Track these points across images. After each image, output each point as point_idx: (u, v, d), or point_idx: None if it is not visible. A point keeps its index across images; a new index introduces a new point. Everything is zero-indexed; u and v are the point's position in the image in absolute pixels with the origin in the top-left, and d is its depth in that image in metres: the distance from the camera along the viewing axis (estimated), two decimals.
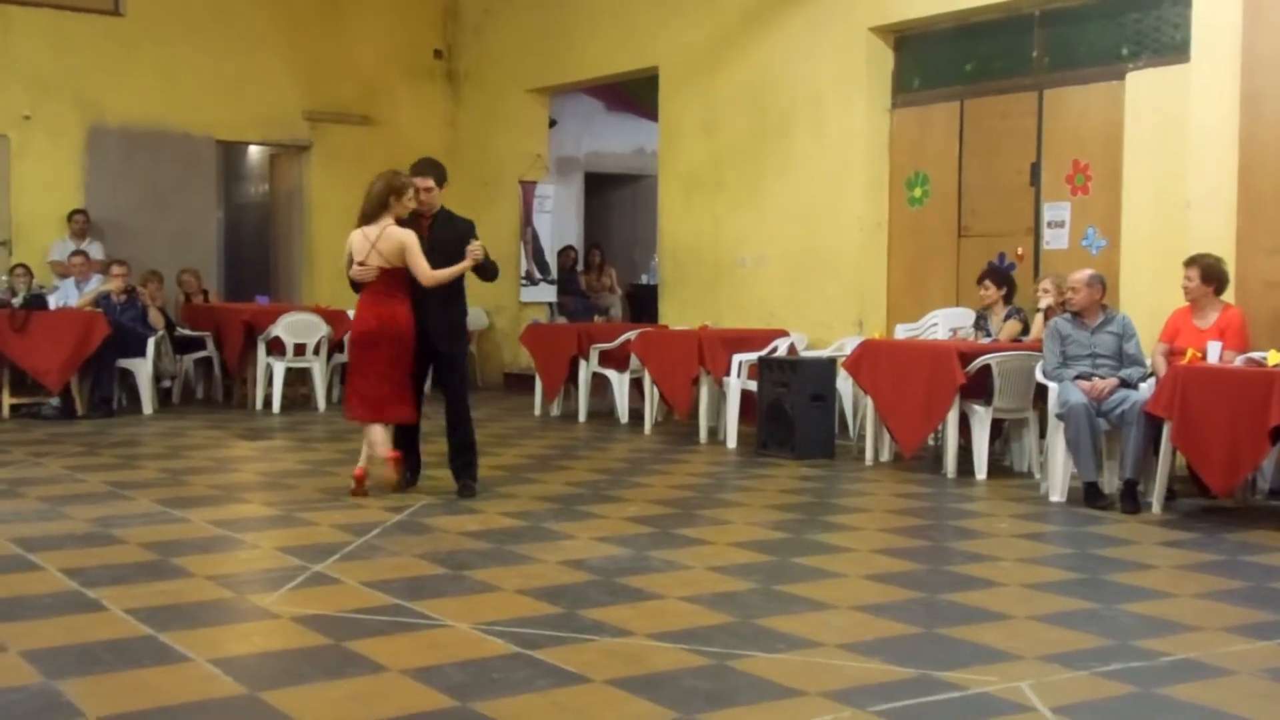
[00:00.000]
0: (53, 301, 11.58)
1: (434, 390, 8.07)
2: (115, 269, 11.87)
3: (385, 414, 7.41)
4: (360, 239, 7.34)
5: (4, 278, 11.84)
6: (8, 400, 11.11)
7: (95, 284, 11.84)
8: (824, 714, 3.87)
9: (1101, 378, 7.54)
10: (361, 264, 7.31)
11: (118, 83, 13.60)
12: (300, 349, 11.95)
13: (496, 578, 5.51)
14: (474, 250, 7.37)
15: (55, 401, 11.14)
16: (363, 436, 7.55)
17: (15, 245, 13.18)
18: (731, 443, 9.80)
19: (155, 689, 4.04)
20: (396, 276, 7.31)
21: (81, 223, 13.09)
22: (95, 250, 12.83)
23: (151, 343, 11.71)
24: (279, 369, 11.85)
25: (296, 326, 11.90)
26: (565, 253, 15.58)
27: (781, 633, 4.69)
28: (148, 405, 11.60)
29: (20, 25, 13.17)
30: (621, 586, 5.38)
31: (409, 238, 7.29)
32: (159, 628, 4.66)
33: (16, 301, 11.15)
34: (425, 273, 7.29)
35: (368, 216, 7.35)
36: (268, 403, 11.84)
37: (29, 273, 11.95)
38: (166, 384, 12.51)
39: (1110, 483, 7.56)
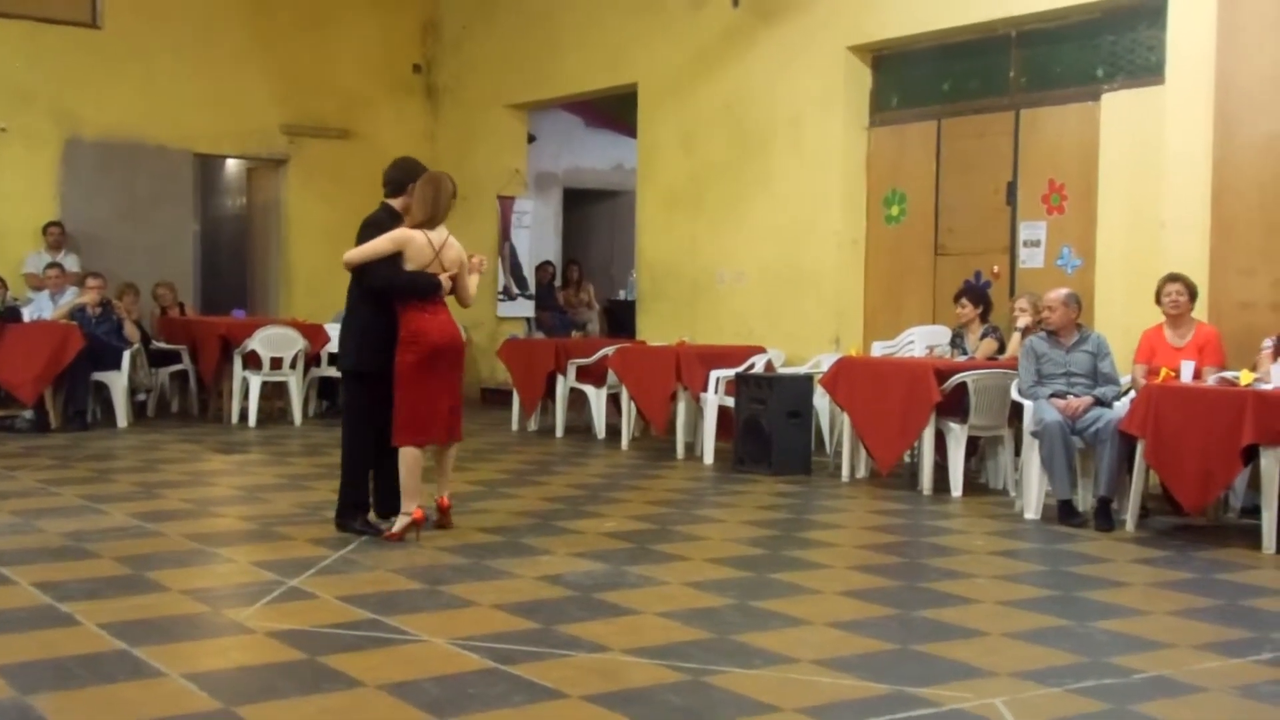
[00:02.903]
0: (27, 314, 11.52)
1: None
2: (91, 282, 11.81)
3: (458, 431, 6.88)
4: (424, 243, 6.63)
5: None
6: None
7: (70, 296, 11.78)
8: None
9: (1076, 396, 7.59)
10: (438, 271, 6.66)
11: (95, 95, 13.55)
12: (276, 363, 11.91)
13: (473, 593, 5.50)
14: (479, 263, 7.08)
15: (29, 414, 11.08)
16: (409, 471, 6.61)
17: None
18: (708, 459, 9.81)
19: (129, 704, 4.02)
20: None
21: (57, 235, 13.02)
22: (71, 263, 12.77)
23: (127, 356, 11.66)
24: (255, 383, 11.81)
25: (273, 340, 11.87)
26: (543, 268, 15.59)
27: (758, 648, 4.70)
28: (122, 419, 11.55)
29: None
30: (598, 602, 5.38)
31: (464, 252, 6.88)
32: (133, 642, 4.63)
33: None
34: (471, 294, 6.97)
35: (434, 219, 6.71)
36: (243, 417, 11.80)
37: (3, 285, 11.89)
38: (141, 397, 12.46)
39: (1084, 500, 7.60)
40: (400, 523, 6.56)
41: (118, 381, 11.59)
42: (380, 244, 6.58)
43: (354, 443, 6.74)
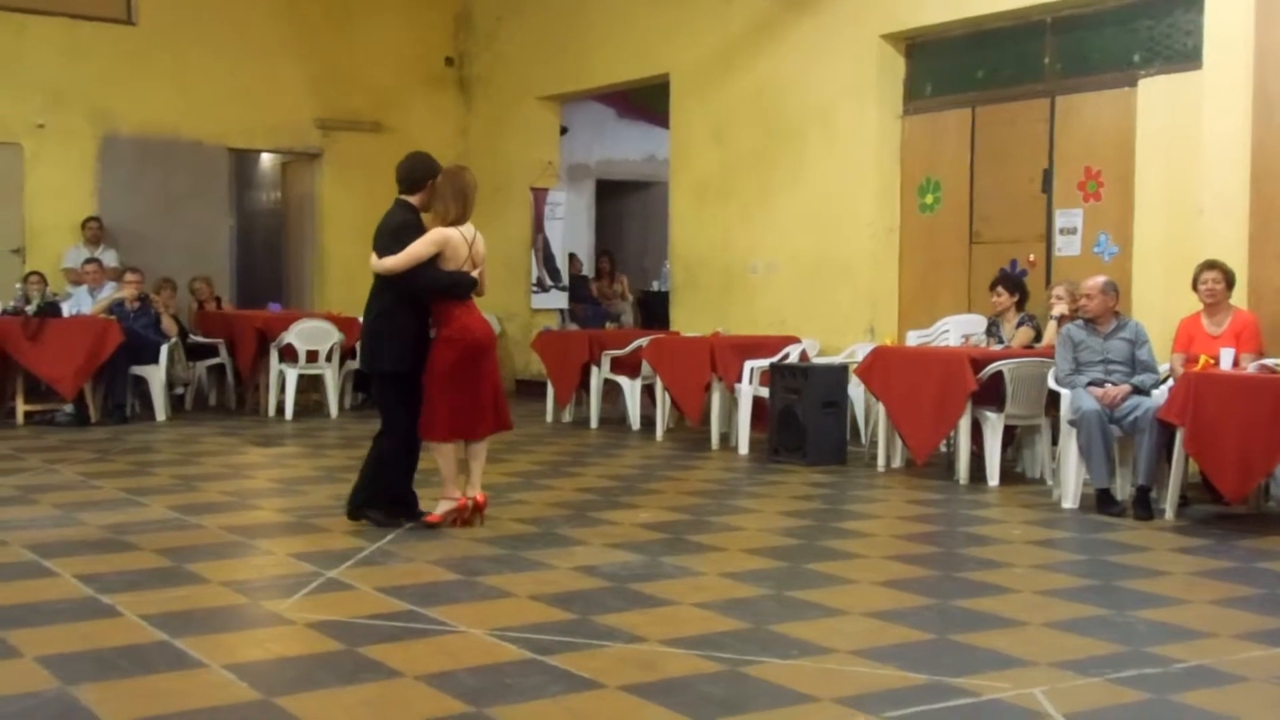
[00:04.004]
0: (66, 309, 11.62)
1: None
2: (129, 276, 11.91)
3: (506, 417, 6.96)
4: (460, 241, 6.65)
5: (18, 285, 11.89)
6: (22, 407, 11.15)
7: (109, 291, 11.88)
8: None
9: (1114, 384, 7.53)
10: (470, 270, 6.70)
11: (131, 91, 13.66)
12: (312, 356, 11.98)
13: (510, 584, 5.52)
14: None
15: (69, 408, 11.18)
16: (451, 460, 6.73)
17: (29, 253, 13.24)
18: (743, 449, 9.80)
19: (170, 694, 4.05)
20: None
21: (95, 230, 13.15)
22: (109, 258, 12.89)
23: (164, 350, 11.76)
24: (291, 376, 11.89)
25: (309, 333, 11.94)
26: (571, 261, 15.60)
27: (794, 639, 4.69)
28: (161, 412, 11.64)
29: (34, 34, 13.23)
30: (634, 593, 5.39)
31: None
32: (174, 633, 4.67)
33: (31, 309, 11.20)
34: (486, 284, 6.95)
35: (465, 215, 6.72)
36: (280, 409, 11.87)
37: (43, 280, 12.00)
38: (179, 391, 12.56)
39: (1123, 489, 7.55)
40: (444, 507, 6.68)
41: (156, 375, 11.68)
42: (423, 248, 6.59)
43: (396, 441, 6.74)
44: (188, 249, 13.84)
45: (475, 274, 6.74)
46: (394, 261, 6.57)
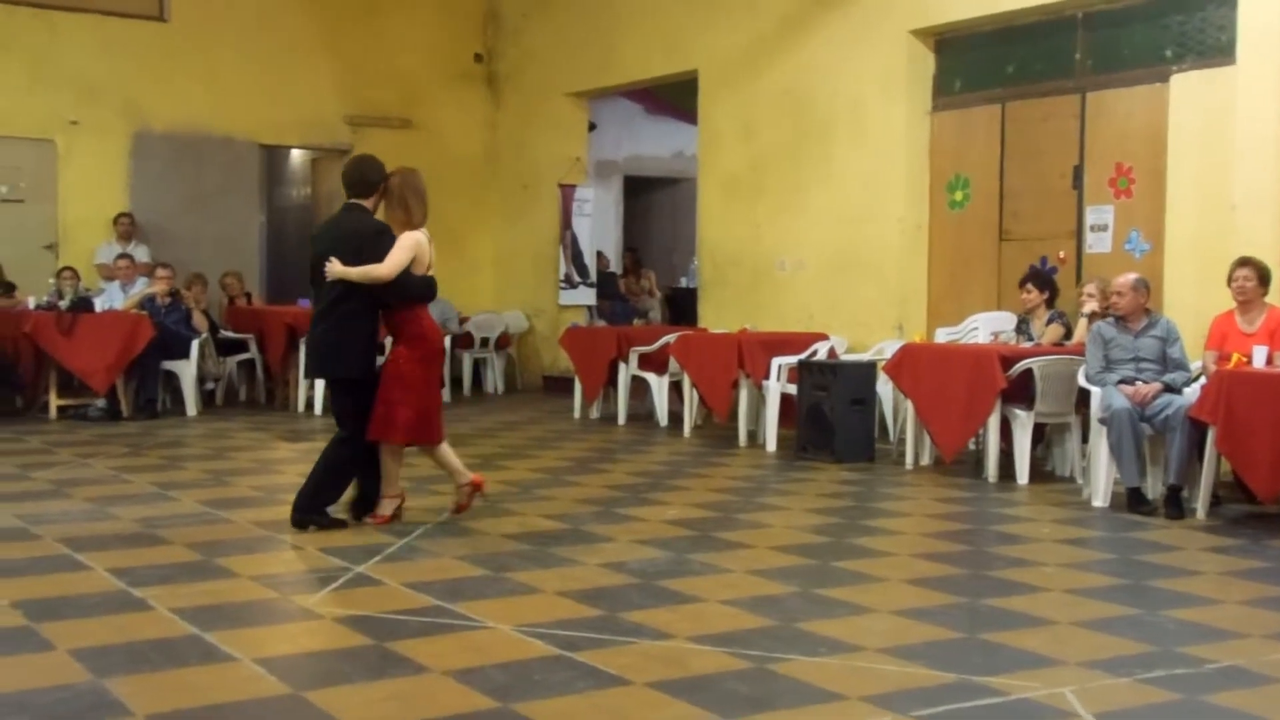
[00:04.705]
0: (98, 304, 11.71)
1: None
2: (160, 272, 11.99)
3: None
4: (426, 244, 6.68)
5: (52, 281, 12.00)
6: (55, 402, 11.24)
7: (140, 287, 11.97)
8: (865, 718, 3.87)
9: (1145, 382, 7.48)
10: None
11: (162, 88, 13.74)
12: None
13: (537, 580, 5.53)
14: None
15: (101, 403, 11.26)
16: (428, 461, 7.04)
17: (62, 248, 13.34)
18: (771, 446, 9.79)
19: (201, 688, 4.08)
20: None
21: (126, 226, 13.24)
22: (140, 253, 12.97)
23: (195, 345, 11.83)
24: None
25: None
26: (600, 257, 15.59)
27: (822, 636, 4.69)
28: (191, 407, 11.72)
29: (66, 31, 13.33)
30: (661, 589, 5.39)
31: None
32: (204, 627, 4.70)
33: (63, 304, 11.30)
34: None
35: (424, 218, 6.74)
36: (310, 405, 11.92)
37: (76, 276, 12.11)
38: (210, 386, 12.63)
39: (1154, 488, 7.51)
40: (389, 506, 6.75)
41: (187, 370, 11.76)
42: (405, 254, 6.55)
43: (358, 446, 6.68)
44: (219, 244, 13.92)
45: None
46: (387, 269, 6.50)
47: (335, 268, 6.49)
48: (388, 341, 6.83)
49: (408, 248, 6.56)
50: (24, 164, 13.25)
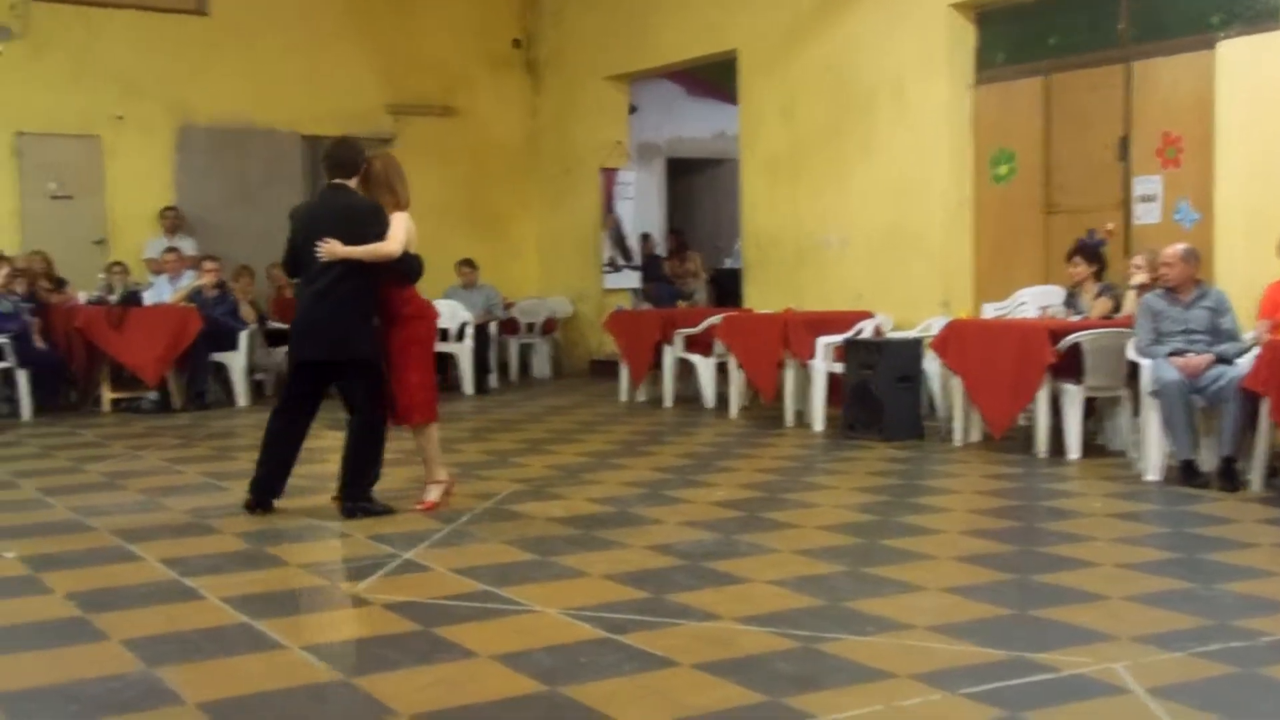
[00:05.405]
0: (148, 298, 11.83)
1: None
2: (207, 264, 12.09)
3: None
4: (413, 225, 6.73)
5: (101, 275, 12.14)
6: (108, 395, 11.37)
7: (188, 279, 12.08)
8: (914, 696, 3.84)
9: (1196, 354, 7.38)
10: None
11: (205, 81, 13.84)
12: None
13: (584, 563, 5.53)
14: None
15: (153, 395, 11.38)
16: (415, 443, 6.91)
17: (112, 243, 13.48)
18: (818, 426, 9.74)
19: (251, 675, 4.11)
20: None
21: (173, 219, 13.36)
22: (187, 246, 13.08)
23: (244, 336, 11.92)
24: None
25: None
26: (645, 240, 15.58)
27: (870, 615, 4.66)
28: (241, 398, 11.81)
29: (109, 27, 13.45)
30: (708, 570, 5.37)
31: None
32: (254, 615, 4.74)
33: (113, 298, 11.42)
34: None
35: (408, 200, 6.74)
36: None
37: (125, 270, 12.24)
38: (259, 377, 12.72)
39: (1207, 460, 7.39)
40: (437, 491, 6.78)
41: (236, 362, 11.85)
42: (403, 232, 6.56)
43: (379, 425, 6.67)
44: (264, 236, 13.91)
45: None
46: (396, 247, 6.50)
47: (338, 248, 6.42)
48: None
49: (405, 227, 6.58)
50: (71, 161, 13.40)
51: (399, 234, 6.53)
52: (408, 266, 6.62)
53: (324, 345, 6.59)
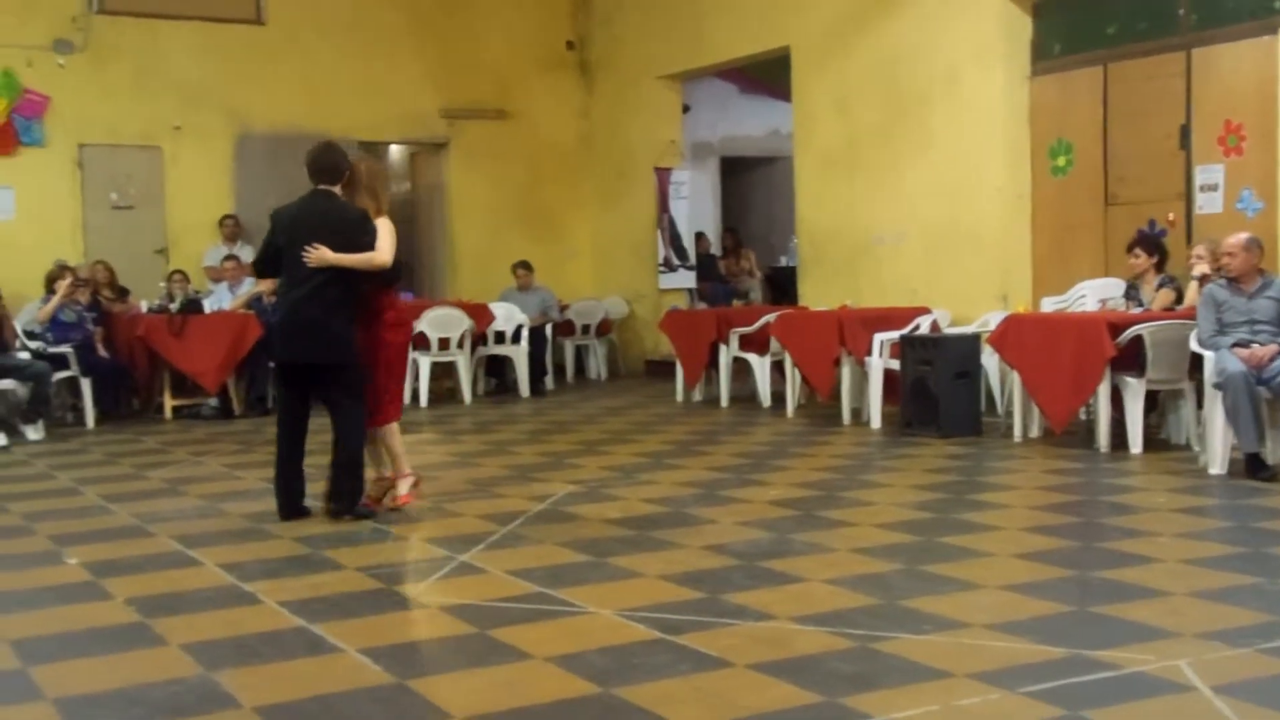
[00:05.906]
0: (207, 305, 11.96)
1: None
2: None
3: None
4: (393, 231, 6.75)
5: (162, 284, 12.29)
6: (170, 402, 11.51)
7: (247, 287, 12.19)
8: (972, 696, 3.79)
9: (1261, 345, 7.24)
10: None
11: (261, 90, 14.00)
12: (445, 343, 12.14)
13: (638, 564, 5.51)
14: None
15: (213, 402, 11.51)
16: (382, 444, 6.99)
17: (172, 252, 13.66)
18: (875, 423, 9.67)
19: (308, 679, 4.14)
20: None
21: (232, 227, 13.50)
22: (246, 254, 13.17)
23: None
24: (425, 364, 12.06)
25: (441, 321, 12.10)
26: (699, 240, 15.55)
27: (928, 614, 4.61)
28: None
29: (168, 38, 13.62)
30: (764, 570, 5.34)
31: None
32: (311, 619, 4.77)
33: (174, 307, 11.56)
34: None
35: (388, 206, 6.85)
36: (414, 397, 12.04)
37: (186, 279, 12.38)
38: None
39: (1274, 453, 7.26)
40: (408, 484, 6.94)
41: None
42: (392, 240, 6.64)
43: (362, 428, 6.80)
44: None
45: None
46: (387, 256, 6.56)
47: (328, 255, 6.46)
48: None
49: (392, 234, 6.65)
50: (133, 171, 13.60)
51: (388, 241, 6.60)
52: (394, 272, 6.74)
53: (312, 347, 6.63)
